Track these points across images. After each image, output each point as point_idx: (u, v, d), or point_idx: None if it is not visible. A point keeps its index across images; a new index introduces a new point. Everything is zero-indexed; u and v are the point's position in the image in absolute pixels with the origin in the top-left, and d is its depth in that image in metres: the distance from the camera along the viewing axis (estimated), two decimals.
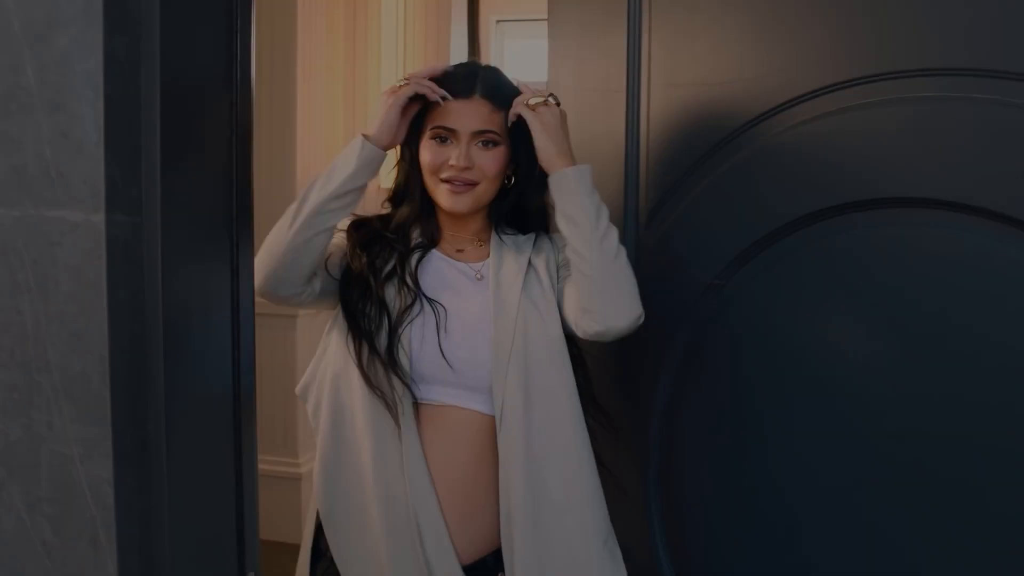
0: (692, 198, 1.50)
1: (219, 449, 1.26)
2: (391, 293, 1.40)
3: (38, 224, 1.08)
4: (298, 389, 1.49)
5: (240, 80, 1.23)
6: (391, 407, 1.36)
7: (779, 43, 1.41)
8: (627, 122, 1.58)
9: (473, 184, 1.39)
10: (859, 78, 1.35)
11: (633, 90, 1.56)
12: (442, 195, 1.40)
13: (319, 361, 1.47)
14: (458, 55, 3.42)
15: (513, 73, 5.10)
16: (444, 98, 1.37)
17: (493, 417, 1.36)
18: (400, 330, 1.36)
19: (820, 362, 1.39)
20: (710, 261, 1.48)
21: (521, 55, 4.97)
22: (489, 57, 4.04)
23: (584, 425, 1.38)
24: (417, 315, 1.38)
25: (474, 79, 1.42)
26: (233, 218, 1.24)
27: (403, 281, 1.39)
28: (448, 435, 1.37)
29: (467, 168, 1.37)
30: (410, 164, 1.43)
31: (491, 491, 1.36)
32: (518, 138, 1.42)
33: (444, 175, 1.39)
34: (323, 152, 3.24)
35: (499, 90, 1.43)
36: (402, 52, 3.30)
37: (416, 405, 1.40)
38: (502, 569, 1.36)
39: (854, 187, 1.36)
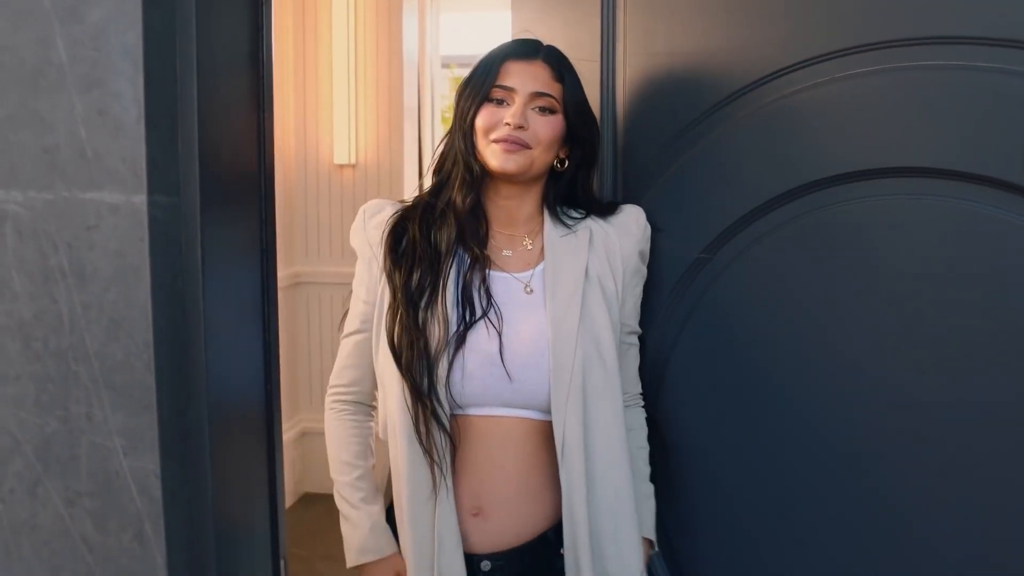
0: (674, 171, 1.47)
1: (253, 434, 1.23)
2: (430, 325, 1.31)
3: (72, 207, 1.03)
4: (380, 432, 1.41)
5: (265, 53, 1.19)
6: (434, 470, 1.29)
7: (766, 11, 1.38)
8: (602, 93, 1.53)
9: (526, 147, 1.32)
10: (852, 47, 1.33)
11: (608, 60, 1.51)
12: (492, 155, 1.31)
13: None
14: (410, 42, 3.36)
15: (450, 46, 4.97)
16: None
17: (544, 421, 1.32)
18: (436, 370, 1.28)
19: (812, 335, 1.38)
20: (695, 235, 1.45)
21: (457, 28, 4.94)
22: (425, 32, 3.93)
23: (627, 447, 1.37)
24: (457, 347, 1.30)
25: (538, 46, 1.37)
26: (262, 196, 1.20)
27: (442, 308, 1.30)
28: (498, 443, 1.32)
29: (521, 127, 1.31)
30: (467, 134, 1.34)
31: (547, 483, 1.33)
32: (577, 116, 1.37)
33: (496, 135, 1.32)
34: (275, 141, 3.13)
35: (562, 62, 1.38)
36: (353, 37, 3.23)
37: (454, 417, 1.33)
38: (563, 544, 1.34)
39: (847, 158, 1.34)
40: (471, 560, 1.33)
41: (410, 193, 1.54)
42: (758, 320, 1.41)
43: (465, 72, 1.45)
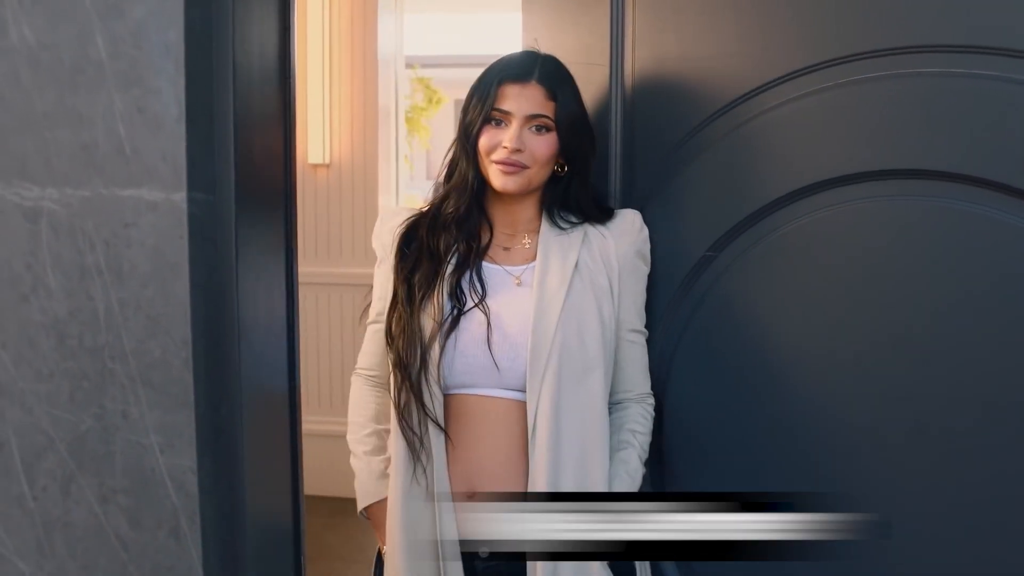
0: (683, 173, 1.50)
1: (279, 430, 1.24)
2: (426, 314, 1.40)
3: (109, 204, 1.04)
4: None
5: (292, 54, 1.20)
6: (415, 454, 1.39)
7: (774, 16, 1.41)
8: (611, 96, 1.57)
9: (524, 167, 1.40)
10: (858, 54, 1.35)
11: (617, 64, 1.55)
12: (494, 175, 1.41)
13: None
14: (385, 42, 3.36)
15: (414, 47, 4.94)
16: None
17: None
18: (429, 354, 1.38)
19: (812, 331, 1.41)
20: (702, 233, 1.49)
21: (421, 29, 4.93)
22: (401, 33, 3.90)
23: (608, 440, 1.43)
24: (451, 328, 1.39)
25: (533, 64, 1.43)
26: (288, 195, 1.21)
27: (438, 298, 1.40)
28: (490, 422, 1.40)
29: (518, 151, 1.39)
30: (470, 153, 1.42)
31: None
32: (569, 132, 1.43)
33: (496, 156, 1.40)
34: None
35: (556, 79, 1.43)
36: (328, 37, 3.22)
37: (450, 397, 1.41)
38: None
39: (851, 160, 1.36)
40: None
41: (385, 193, 1.62)
42: (760, 315, 1.46)
43: (428, 72, 1.50)
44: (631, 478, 1.46)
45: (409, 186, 4.74)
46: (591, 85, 1.59)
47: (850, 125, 1.38)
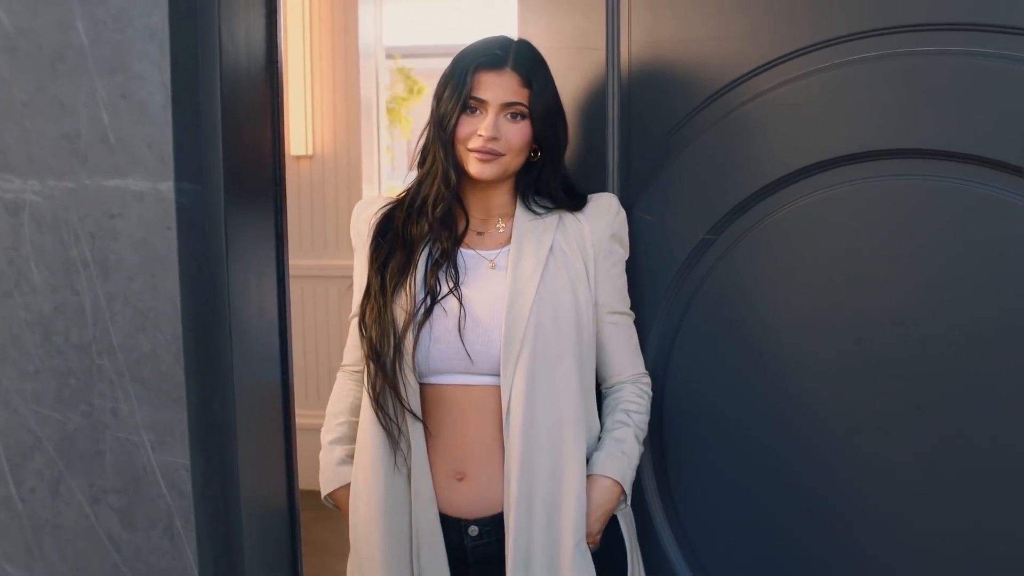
0: (680, 156, 1.49)
1: (272, 424, 1.21)
2: (399, 304, 1.39)
3: (94, 195, 1.00)
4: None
5: (279, 38, 1.17)
6: (394, 440, 1.37)
7: None
8: (608, 80, 1.56)
9: (499, 155, 1.39)
10: (855, 33, 1.35)
11: (613, 47, 1.54)
12: (471, 163, 1.40)
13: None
14: (366, 32, 3.32)
15: (394, 37, 4.89)
16: None
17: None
18: (403, 343, 1.36)
19: (812, 311, 1.41)
20: (701, 216, 1.49)
21: (400, 18, 4.88)
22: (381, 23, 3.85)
23: (584, 423, 1.42)
24: (424, 318, 1.38)
25: (507, 51, 1.41)
26: (277, 183, 1.18)
27: (411, 287, 1.39)
28: (471, 410, 1.39)
29: (494, 139, 1.38)
30: (447, 142, 1.41)
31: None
32: (543, 119, 1.42)
33: (472, 145, 1.39)
34: None
35: (531, 65, 1.42)
36: (308, 27, 3.18)
37: (428, 387, 1.40)
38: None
39: (848, 140, 1.36)
40: (458, 525, 1.39)
41: (368, 184, 1.59)
42: (760, 297, 1.45)
43: (408, 63, 1.47)
44: (627, 457, 1.45)
45: (391, 176, 4.71)
46: (587, 69, 1.57)
47: (848, 105, 1.37)
